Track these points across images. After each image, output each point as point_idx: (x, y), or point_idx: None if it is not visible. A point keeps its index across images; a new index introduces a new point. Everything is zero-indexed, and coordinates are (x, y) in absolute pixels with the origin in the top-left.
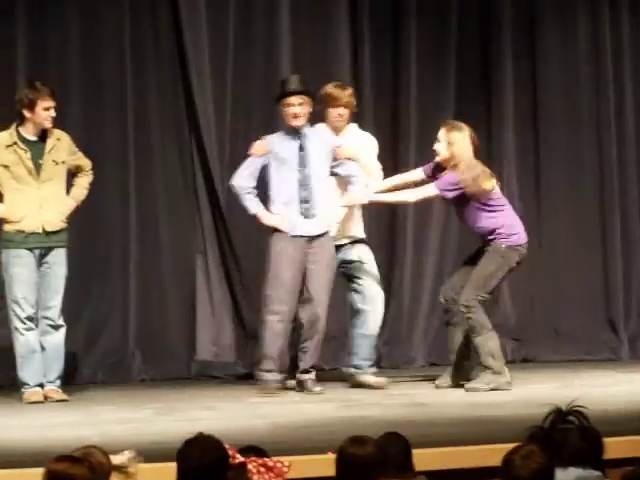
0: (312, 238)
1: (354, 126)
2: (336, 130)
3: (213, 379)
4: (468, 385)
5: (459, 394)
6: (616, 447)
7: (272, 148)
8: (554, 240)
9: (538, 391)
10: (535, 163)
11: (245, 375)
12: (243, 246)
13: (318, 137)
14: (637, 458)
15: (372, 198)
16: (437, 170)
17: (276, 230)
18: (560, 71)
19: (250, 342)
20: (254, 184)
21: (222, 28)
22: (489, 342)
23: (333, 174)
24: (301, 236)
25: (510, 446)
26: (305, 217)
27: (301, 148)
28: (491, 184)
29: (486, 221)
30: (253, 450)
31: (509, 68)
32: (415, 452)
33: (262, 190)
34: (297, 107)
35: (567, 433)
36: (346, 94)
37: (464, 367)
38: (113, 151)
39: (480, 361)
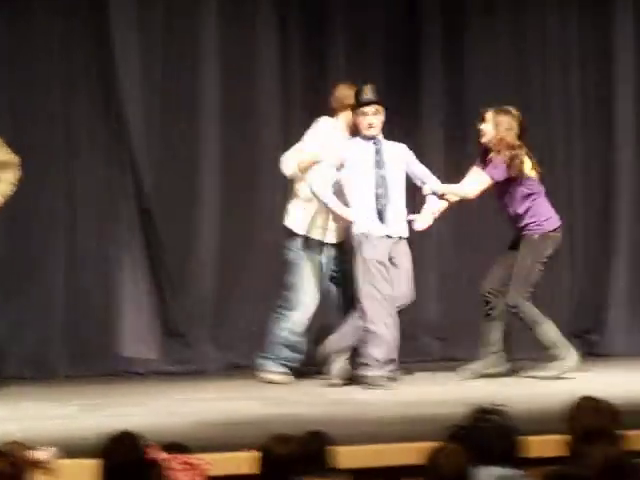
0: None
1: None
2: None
3: (138, 376)
4: (538, 374)
5: (383, 392)
6: (539, 446)
7: (346, 156)
8: (478, 239)
9: (464, 390)
10: (460, 160)
11: (168, 372)
12: (169, 241)
13: (391, 146)
14: (560, 457)
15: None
16: (484, 159)
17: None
18: (485, 69)
19: (175, 339)
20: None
21: (151, 28)
22: (548, 333)
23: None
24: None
25: (433, 445)
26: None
27: (377, 152)
28: (531, 170)
29: (521, 207)
30: (176, 447)
31: (437, 63)
32: (339, 450)
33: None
34: (372, 116)
35: (488, 432)
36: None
37: (492, 359)
38: (39, 148)
39: (547, 352)
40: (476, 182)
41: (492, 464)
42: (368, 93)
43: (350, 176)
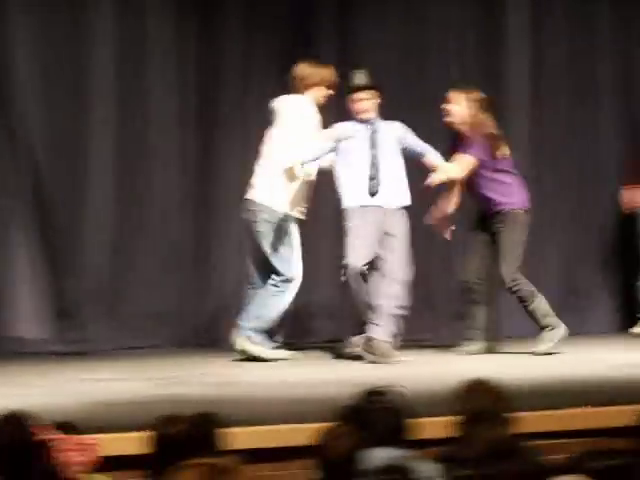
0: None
1: None
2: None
3: (31, 356)
4: (537, 350)
5: (271, 373)
6: (429, 427)
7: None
8: None
9: (355, 371)
10: None
11: (61, 352)
12: (61, 220)
13: (386, 125)
14: (450, 438)
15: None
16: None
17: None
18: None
19: (68, 319)
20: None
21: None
22: (541, 305)
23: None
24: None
25: (323, 425)
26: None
27: (372, 133)
28: (507, 150)
29: (500, 186)
30: (67, 427)
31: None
32: (229, 431)
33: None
34: (366, 102)
35: (378, 413)
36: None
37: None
38: None
39: (540, 324)
40: (463, 163)
41: (383, 445)
42: (360, 78)
43: (344, 156)
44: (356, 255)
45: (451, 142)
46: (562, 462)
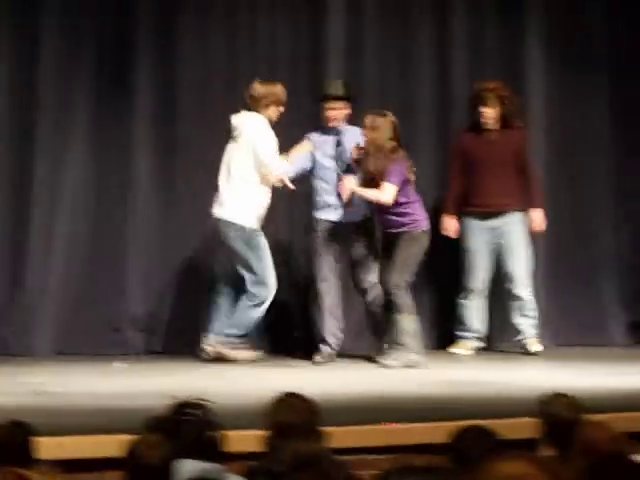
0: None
1: None
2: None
3: None
4: (384, 361)
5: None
6: (239, 441)
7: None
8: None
9: (169, 383)
10: (171, 163)
11: None
12: None
13: (351, 132)
14: (259, 452)
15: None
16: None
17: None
18: (197, 70)
19: None
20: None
21: None
22: (412, 323)
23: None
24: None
25: (134, 436)
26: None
27: (337, 144)
28: (411, 174)
29: (405, 207)
30: None
31: (147, 67)
32: (42, 440)
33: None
34: (332, 111)
35: (189, 425)
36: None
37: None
38: None
39: (396, 339)
40: (388, 192)
41: (194, 458)
42: (330, 88)
43: (313, 169)
44: None
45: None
46: (370, 478)
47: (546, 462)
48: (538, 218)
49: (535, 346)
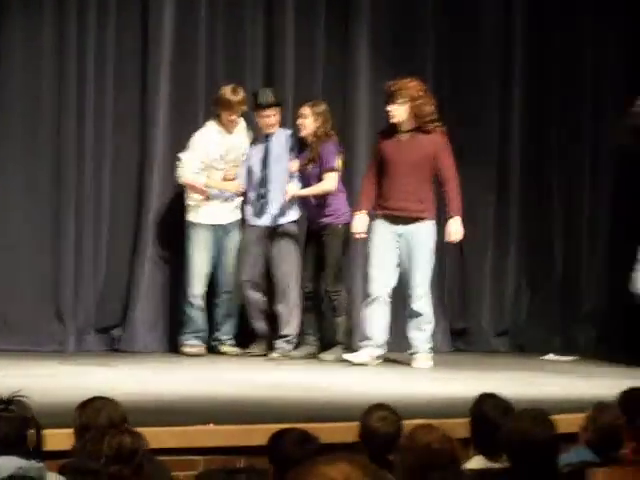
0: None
1: (242, 121)
2: (229, 129)
3: None
4: (323, 356)
5: None
6: (56, 438)
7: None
8: (5, 225)
9: None
10: None
11: None
12: None
13: (281, 136)
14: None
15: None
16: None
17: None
18: (23, 68)
19: None
20: None
21: None
22: (348, 322)
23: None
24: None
25: None
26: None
27: (266, 150)
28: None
29: (329, 199)
30: None
31: None
32: None
33: None
34: (266, 118)
35: (5, 422)
36: (237, 100)
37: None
38: None
39: (337, 337)
40: (328, 180)
41: (11, 454)
42: (261, 97)
43: (243, 170)
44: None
45: (300, 153)
46: (190, 479)
47: (367, 464)
48: (452, 227)
49: (422, 362)
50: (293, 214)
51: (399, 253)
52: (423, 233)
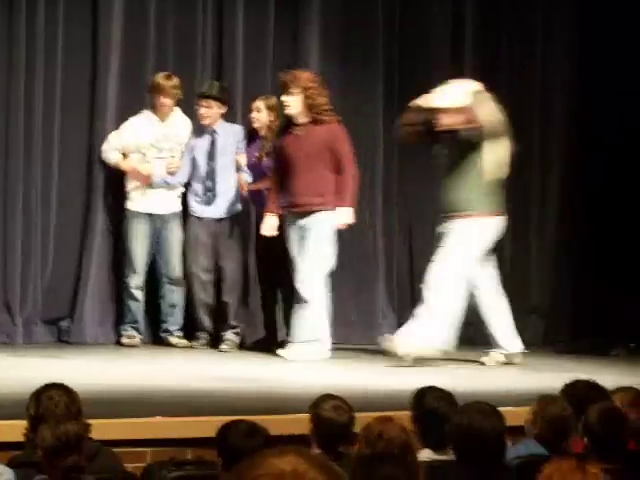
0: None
1: (178, 110)
2: (162, 116)
3: None
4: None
5: None
6: (4, 430)
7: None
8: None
9: None
10: None
11: None
12: None
13: (228, 130)
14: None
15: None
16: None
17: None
18: None
19: None
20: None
21: None
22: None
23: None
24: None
25: None
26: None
27: (211, 143)
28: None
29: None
30: None
31: None
32: None
33: None
34: (204, 109)
35: None
36: (170, 84)
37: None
38: None
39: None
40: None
41: None
42: (204, 87)
43: (187, 161)
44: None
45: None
46: (139, 470)
47: (316, 456)
48: (341, 215)
49: (292, 353)
50: (239, 206)
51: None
52: (319, 223)
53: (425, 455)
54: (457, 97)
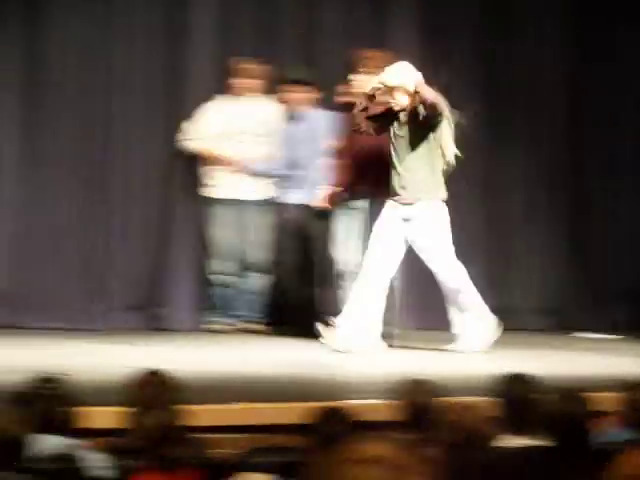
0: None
1: (267, 96)
2: (249, 101)
3: None
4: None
5: None
6: (100, 417)
7: None
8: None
9: (29, 357)
10: None
11: None
12: None
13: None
14: (121, 428)
15: None
16: None
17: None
18: None
19: None
20: None
21: None
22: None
23: None
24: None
25: None
26: None
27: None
28: None
29: None
30: None
31: None
32: None
33: None
34: (295, 94)
35: (47, 400)
36: (246, 67)
37: None
38: None
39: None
40: None
41: (50, 432)
42: (294, 72)
43: (277, 147)
44: None
45: None
46: (231, 457)
47: (406, 443)
48: None
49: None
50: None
51: None
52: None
53: (509, 441)
54: (409, 77)
